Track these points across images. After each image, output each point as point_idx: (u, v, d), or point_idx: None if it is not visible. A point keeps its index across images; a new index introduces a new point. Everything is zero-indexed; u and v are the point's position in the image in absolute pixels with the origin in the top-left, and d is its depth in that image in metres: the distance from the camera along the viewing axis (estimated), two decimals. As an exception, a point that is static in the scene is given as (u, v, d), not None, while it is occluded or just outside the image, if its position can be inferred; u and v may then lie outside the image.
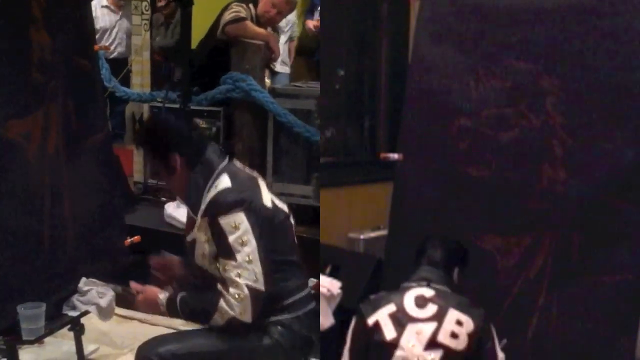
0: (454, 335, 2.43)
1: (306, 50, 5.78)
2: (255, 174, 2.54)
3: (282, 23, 5.15)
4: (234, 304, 2.27)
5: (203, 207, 2.37)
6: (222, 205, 2.32)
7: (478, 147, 2.99)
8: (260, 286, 2.29)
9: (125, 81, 5.15)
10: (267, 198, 2.45)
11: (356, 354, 2.53)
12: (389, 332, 2.47)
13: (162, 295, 2.43)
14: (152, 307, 2.47)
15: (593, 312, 2.78)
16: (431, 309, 2.47)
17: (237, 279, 2.27)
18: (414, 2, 3.34)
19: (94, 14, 4.21)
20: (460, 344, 2.42)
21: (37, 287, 2.92)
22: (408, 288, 2.56)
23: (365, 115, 4.56)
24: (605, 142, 2.77)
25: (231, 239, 2.29)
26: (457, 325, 2.44)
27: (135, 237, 3.58)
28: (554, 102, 2.86)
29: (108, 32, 6.17)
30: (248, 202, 2.34)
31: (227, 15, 4.32)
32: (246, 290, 2.26)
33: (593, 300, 2.78)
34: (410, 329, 2.46)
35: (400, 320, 2.48)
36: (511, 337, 2.91)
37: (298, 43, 5.85)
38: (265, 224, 2.38)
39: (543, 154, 2.87)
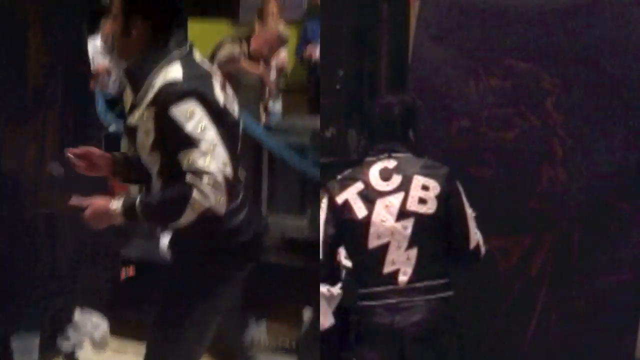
0: (422, 201, 2.51)
1: (298, 86, 5.77)
2: (210, 70, 2.32)
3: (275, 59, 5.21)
4: (209, 192, 2.08)
5: (150, 95, 2.17)
6: (172, 95, 2.12)
7: (478, 147, 2.99)
8: (230, 171, 2.14)
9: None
10: (220, 96, 2.26)
11: (331, 232, 2.60)
12: (360, 211, 2.55)
13: (116, 202, 2.21)
14: (103, 219, 2.24)
15: (593, 312, 2.78)
16: (396, 179, 2.55)
17: (209, 167, 2.08)
18: (414, 2, 3.33)
19: (90, 57, 4.15)
20: (429, 208, 2.51)
21: (31, 311, 2.89)
22: (371, 162, 2.62)
23: (365, 115, 4.56)
24: (605, 142, 2.77)
25: (189, 127, 2.09)
26: (424, 191, 2.52)
27: (130, 269, 3.51)
28: (554, 102, 2.86)
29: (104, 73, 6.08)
30: (200, 92, 2.14)
31: (222, 53, 4.40)
32: (219, 177, 2.09)
33: (593, 300, 2.78)
34: (380, 203, 2.54)
35: (369, 196, 2.56)
36: (511, 337, 2.92)
37: (290, 79, 5.83)
38: (217, 118, 2.18)
39: (543, 154, 2.87)
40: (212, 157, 2.09)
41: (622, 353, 2.74)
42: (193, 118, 2.10)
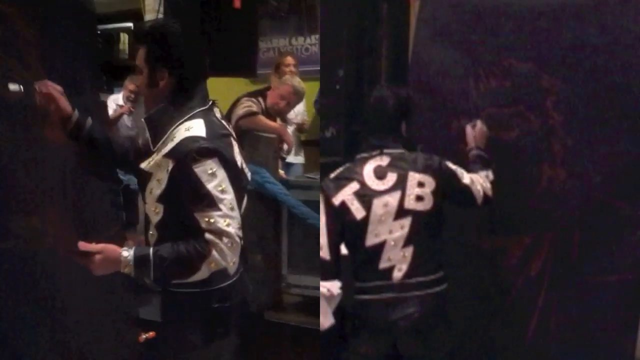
0: (419, 199, 2.55)
1: (318, 141, 5.71)
2: (229, 130, 2.35)
3: (291, 114, 5.20)
4: (228, 253, 2.11)
5: (170, 145, 2.17)
6: (195, 151, 2.12)
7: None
8: (241, 234, 2.19)
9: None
10: (238, 158, 2.31)
11: (333, 230, 2.64)
12: (358, 212, 2.59)
13: (127, 253, 2.15)
14: (112, 266, 2.17)
15: (593, 312, 2.78)
16: (391, 177, 2.58)
17: (228, 229, 2.11)
18: (414, 2, 3.33)
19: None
20: (426, 205, 2.55)
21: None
22: (364, 160, 2.65)
23: (365, 115, 4.55)
24: (605, 142, 2.77)
25: (210, 186, 2.11)
26: (420, 187, 2.56)
27: (150, 332, 3.42)
28: (554, 102, 2.86)
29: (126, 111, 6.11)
30: (222, 153, 2.16)
31: (239, 110, 4.35)
32: (237, 239, 2.14)
33: (593, 300, 2.78)
34: (377, 203, 2.57)
35: (365, 196, 2.59)
36: (511, 337, 2.92)
37: (309, 132, 5.77)
38: (235, 180, 2.22)
39: (543, 154, 2.87)
40: (231, 220, 2.13)
41: (622, 353, 2.74)
42: (215, 178, 2.12)
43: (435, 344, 2.56)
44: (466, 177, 2.65)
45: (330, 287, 2.70)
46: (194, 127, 2.18)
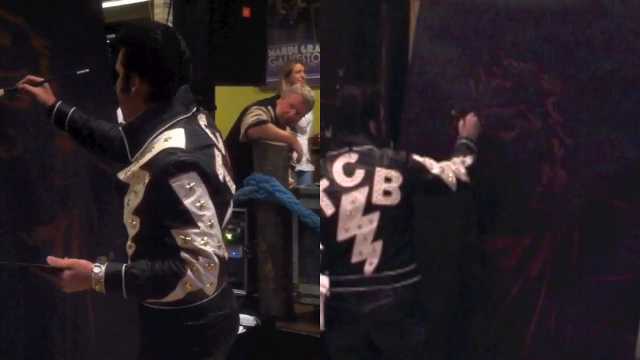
0: (386, 194, 2.62)
1: None
2: (215, 140, 2.21)
3: (302, 122, 5.22)
4: (203, 274, 1.97)
5: (148, 157, 2.04)
6: (172, 165, 1.98)
7: (478, 147, 2.99)
8: (223, 253, 2.05)
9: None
10: (220, 170, 2.16)
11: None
12: (328, 208, 2.67)
13: (98, 269, 2.02)
14: (80, 284, 2.06)
15: (593, 312, 2.78)
16: (359, 174, 2.65)
17: (205, 248, 1.97)
18: (414, 2, 3.33)
19: None
20: (394, 199, 2.62)
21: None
22: (333, 158, 2.72)
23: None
24: (605, 142, 2.77)
25: (187, 202, 1.97)
26: (387, 183, 2.63)
27: None
28: (554, 102, 2.86)
29: None
30: (201, 167, 2.02)
31: (249, 119, 4.37)
32: (216, 259, 1.99)
33: (593, 300, 2.78)
34: (345, 199, 2.64)
35: (334, 193, 2.67)
36: (511, 337, 2.92)
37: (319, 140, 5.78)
38: (216, 195, 2.08)
39: (543, 154, 2.87)
40: (209, 238, 1.99)
41: (622, 353, 2.74)
42: (193, 193, 1.99)
43: (409, 336, 2.61)
44: (436, 167, 2.69)
45: (323, 282, 2.75)
46: (173, 138, 2.05)
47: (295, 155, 4.57)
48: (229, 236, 4.03)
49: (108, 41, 3.20)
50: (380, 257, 2.61)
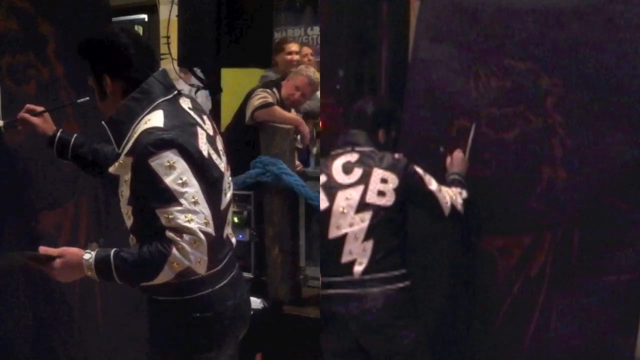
0: (381, 194, 2.66)
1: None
2: (199, 120, 2.18)
3: (315, 108, 5.18)
4: (190, 252, 1.94)
5: (130, 143, 2.04)
6: (151, 144, 1.97)
7: (478, 147, 2.99)
8: (212, 230, 2.00)
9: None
10: (204, 147, 2.11)
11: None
12: (322, 202, 2.72)
13: (88, 255, 2.02)
14: (74, 272, 2.06)
15: (593, 312, 2.78)
16: (357, 172, 2.70)
17: (189, 225, 1.94)
18: (414, 2, 3.33)
19: None
20: (388, 201, 2.65)
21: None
22: (336, 155, 2.78)
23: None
24: (605, 142, 2.77)
25: (168, 180, 1.95)
26: (383, 183, 2.67)
27: None
28: (554, 102, 2.86)
29: None
30: (181, 143, 2.00)
31: (255, 101, 4.33)
32: (202, 236, 1.95)
33: (593, 300, 2.78)
34: (340, 195, 2.69)
35: (331, 189, 2.72)
36: (511, 337, 2.92)
37: None
38: (200, 171, 2.04)
39: (543, 154, 2.87)
40: (193, 215, 1.96)
41: (622, 353, 2.74)
42: (173, 171, 1.97)
43: (398, 340, 2.61)
44: (434, 184, 2.73)
45: None
46: (152, 119, 2.05)
47: (300, 137, 4.53)
48: (235, 219, 3.98)
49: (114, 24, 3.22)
50: (370, 257, 2.62)
